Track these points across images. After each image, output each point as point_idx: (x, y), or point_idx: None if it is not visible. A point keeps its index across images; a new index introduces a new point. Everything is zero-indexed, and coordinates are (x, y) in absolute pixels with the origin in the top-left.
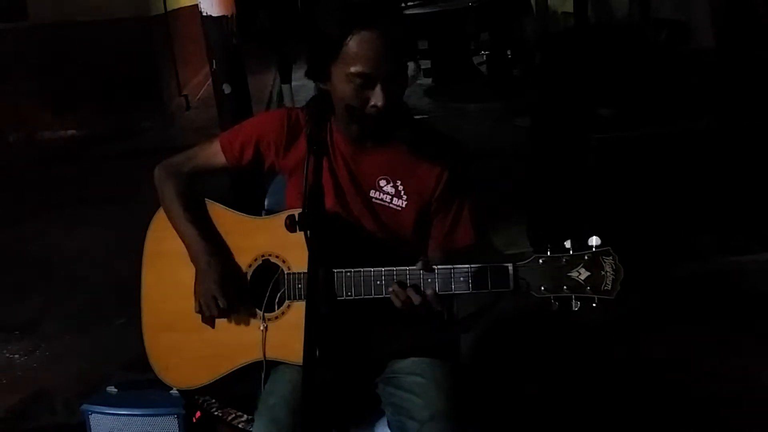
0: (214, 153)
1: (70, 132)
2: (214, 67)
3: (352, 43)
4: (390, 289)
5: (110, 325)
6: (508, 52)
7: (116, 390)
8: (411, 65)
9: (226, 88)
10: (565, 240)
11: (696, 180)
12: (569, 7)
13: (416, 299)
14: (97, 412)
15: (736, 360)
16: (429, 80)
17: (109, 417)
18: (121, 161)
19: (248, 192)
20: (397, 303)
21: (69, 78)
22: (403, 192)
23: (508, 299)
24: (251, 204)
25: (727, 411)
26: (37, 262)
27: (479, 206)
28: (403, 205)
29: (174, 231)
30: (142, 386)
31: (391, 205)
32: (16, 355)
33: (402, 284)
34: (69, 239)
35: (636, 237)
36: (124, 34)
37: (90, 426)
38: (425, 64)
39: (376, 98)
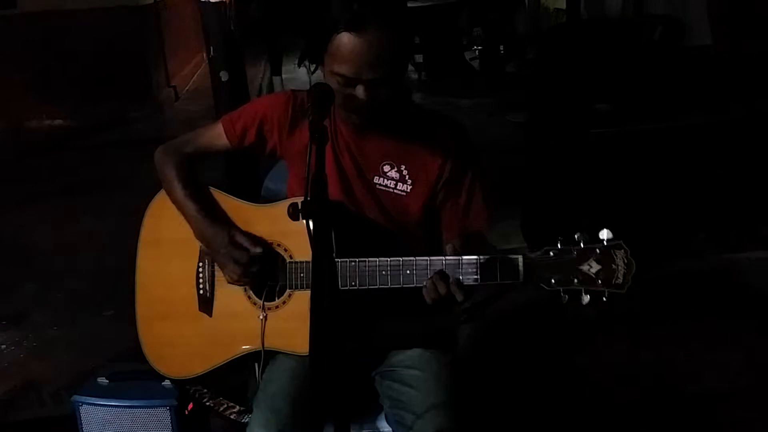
0: (216, 134)
1: (58, 122)
2: (212, 53)
3: (336, 43)
4: (429, 279)
5: (99, 317)
6: (501, 48)
7: (107, 381)
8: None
9: (224, 76)
10: (564, 235)
11: (691, 176)
12: (562, 4)
13: (443, 289)
14: (88, 404)
15: (730, 357)
16: (421, 75)
17: (100, 408)
18: (109, 151)
19: (245, 179)
20: (433, 295)
21: (57, 67)
22: (407, 176)
23: (514, 292)
24: (248, 191)
25: (721, 407)
26: (25, 252)
27: (489, 185)
28: (408, 190)
29: (171, 219)
30: (133, 377)
31: (395, 191)
32: (4, 345)
33: (442, 274)
34: (57, 230)
35: (630, 233)
36: (113, 24)
37: (80, 417)
38: (417, 58)
39: (359, 97)
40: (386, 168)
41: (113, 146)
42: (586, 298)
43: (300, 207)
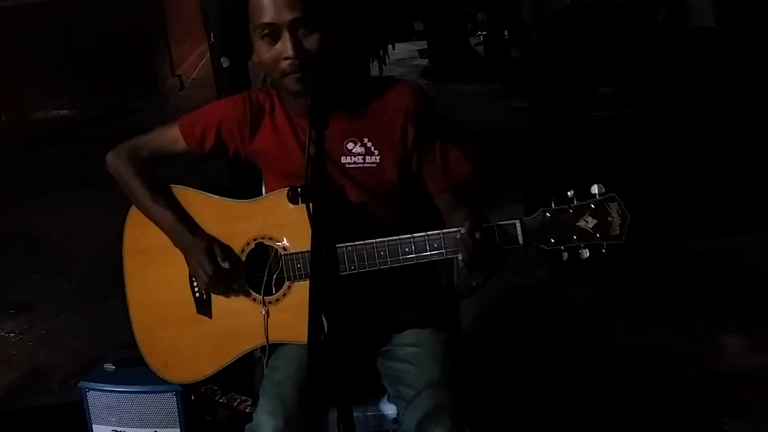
0: (173, 138)
1: (63, 112)
2: (212, 39)
3: None
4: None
5: (106, 304)
6: (505, 33)
7: (114, 367)
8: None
9: (224, 62)
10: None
11: (694, 158)
12: None
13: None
14: (95, 390)
15: (733, 339)
16: (425, 61)
17: (106, 394)
18: (114, 141)
19: (247, 178)
20: (467, 255)
21: (61, 57)
22: (373, 148)
23: (509, 270)
24: (250, 191)
25: (724, 390)
26: (32, 242)
27: (457, 137)
28: (378, 161)
29: (152, 226)
30: (139, 363)
31: (365, 164)
32: (12, 334)
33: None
34: (63, 219)
35: (634, 216)
36: (118, 13)
37: (87, 403)
38: (421, 45)
39: (285, 50)
40: (350, 145)
41: (118, 136)
42: (585, 253)
43: (300, 191)
